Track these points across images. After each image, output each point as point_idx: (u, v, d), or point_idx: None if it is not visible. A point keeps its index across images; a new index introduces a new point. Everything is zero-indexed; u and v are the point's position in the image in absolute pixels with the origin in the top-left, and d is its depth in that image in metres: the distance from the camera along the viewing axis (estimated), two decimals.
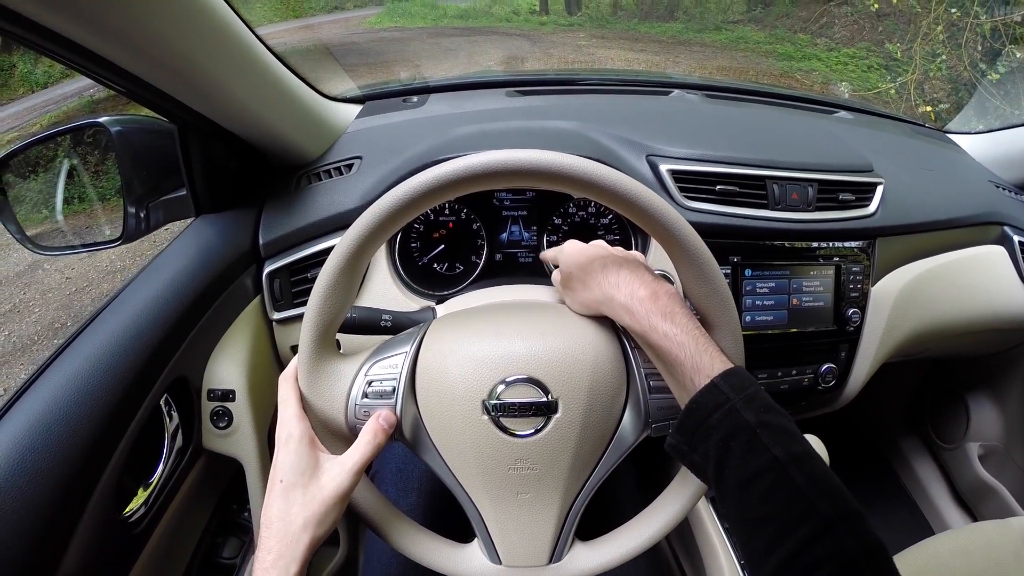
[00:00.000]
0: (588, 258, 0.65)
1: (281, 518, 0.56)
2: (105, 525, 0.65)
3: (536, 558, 0.62)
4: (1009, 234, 1.23)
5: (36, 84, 8.36)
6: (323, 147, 1.00)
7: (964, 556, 0.90)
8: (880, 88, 5.75)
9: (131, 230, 0.86)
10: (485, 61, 7.55)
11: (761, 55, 7.27)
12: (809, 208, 1.00)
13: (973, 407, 1.55)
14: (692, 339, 0.54)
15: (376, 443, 0.59)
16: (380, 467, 0.97)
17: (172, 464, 0.78)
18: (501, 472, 0.60)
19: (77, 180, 0.98)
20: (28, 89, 8.35)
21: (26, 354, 3.37)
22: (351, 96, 1.20)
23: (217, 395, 0.83)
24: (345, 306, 0.60)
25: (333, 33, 9.35)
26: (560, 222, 1.03)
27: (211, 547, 0.91)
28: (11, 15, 0.49)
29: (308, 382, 0.61)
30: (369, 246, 0.57)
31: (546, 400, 0.58)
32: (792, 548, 0.45)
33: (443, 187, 0.54)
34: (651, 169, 0.97)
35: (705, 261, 0.57)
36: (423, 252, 1.01)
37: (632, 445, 0.63)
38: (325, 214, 0.92)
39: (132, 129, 0.84)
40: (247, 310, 0.91)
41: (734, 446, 0.49)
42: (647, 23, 9.07)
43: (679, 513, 0.64)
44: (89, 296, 3.86)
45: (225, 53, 0.70)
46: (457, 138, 0.98)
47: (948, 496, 1.65)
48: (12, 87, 8.42)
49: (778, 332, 1.01)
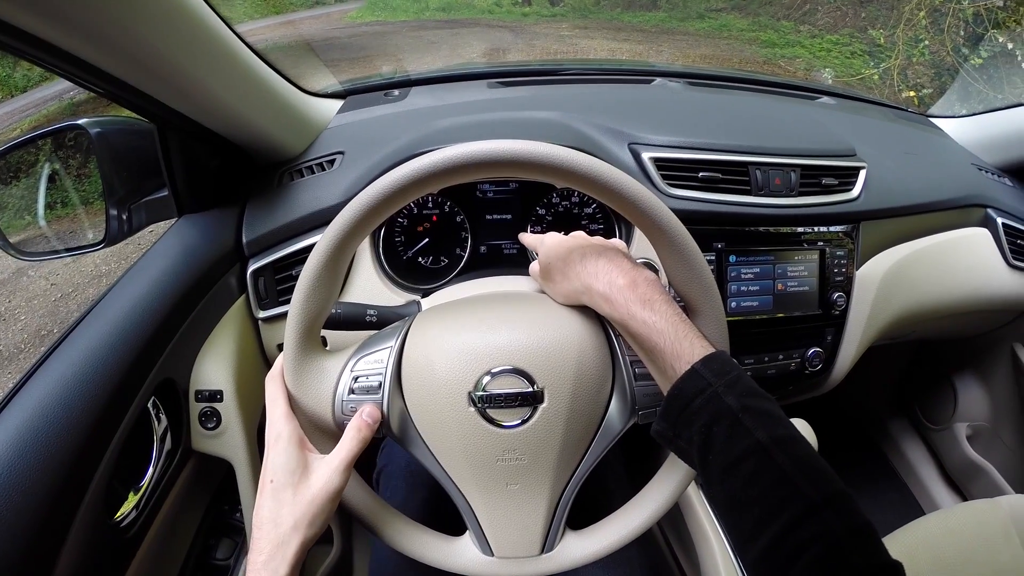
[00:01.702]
0: (567, 249, 0.65)
1: (271, 519, 0.56)
2: (96, 530, 0.64)
3: (527, 548, 0.62)
4: (992, 216, 1.24)
5: (15, 88, 8.25)
6: (305, 143, 1.00)
7: (954, 536, 0.91)
8: (863, 74, 5.78)
9: (113, 232, 0.85)
10: (468, 53, 7.50)
11: (744, 43, 7.28)
12: (792, 193, 1.00)
13: (960, 388, 1.57)
14: (672, 326, 0.54)
15: (360, 439, 0.59)
16: (388, 463, 0.97)
17: (162, 467, 0.77)
18: (489, 463, 0.60)
19: (59, 184, 0.97)
20: (7, 93, 8.24)
21: (13, 363, 3.32)
22: (332, 91, 1.19)
23: (205, 396, 0.83)
24: (329, 302, 0.60)
25: (314, 28, 9.24)
26: (544, 212, 1.03)
27: (204, 549, 0.91)
28: None
29: (294, 380, 0.61)
30: (351, 241, 0.57)
31: (532, 390, 0.58)
32: (778, 531, 0.45)
33: (424, 179, 0.54)
34: (633, 157, 0.97)
35: (686, 247, 0.58)
36: (407, 246, 1.00)
37: (619, 433, 0.63)
38: (308, 210, 0.92)
39: (112, 130, 0.84)
40: (232, 309, 0.90)
41: (717, 431, 0.49)
42: (630, 12, 9.03)
43: (668, 499, 0.64)
44: (75, 302, 3.82)
45: (203, 51, 0.69)
46: (439, 130, 0.98)
47: (937, 477, 1.67)
48: None
49: (764, 317, 1.02)
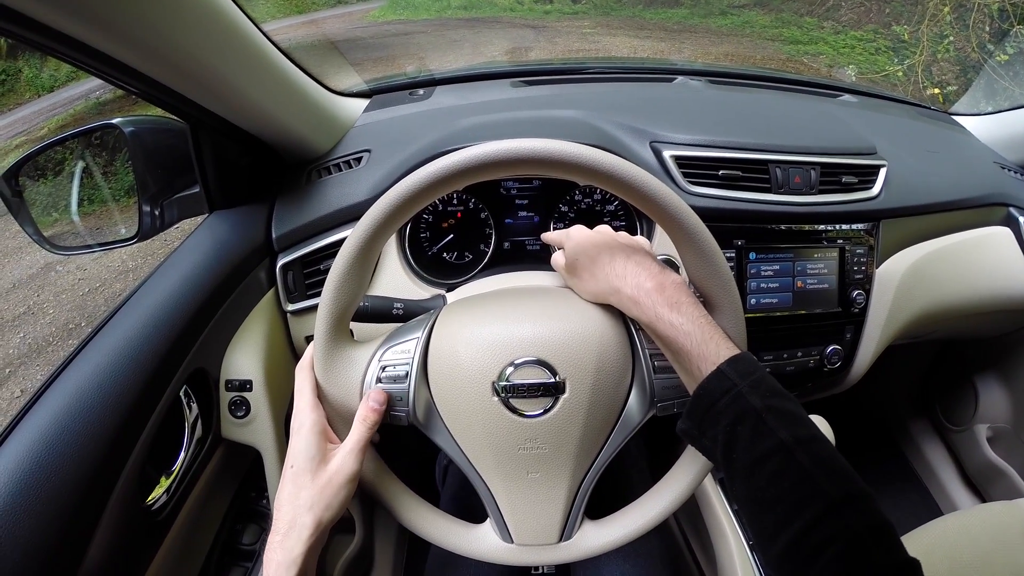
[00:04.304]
0: (595, 246, 0.66)
1: (290, 501, 0.58)
2: (129, 513, 0.67)
3: (546, 536, 0.64)
4: (1015, 215, 1.23)
5: (42, 88, 8.41)
6: (332, 141, 1.02)
7: (971, 537, 0.91)
8: (888, 71, 5.69)
9: (146, 228, 0.88)
10: (490, 51, 7.51)
11: (767, 39, 7.20)
12: (812, 191, 1.00)
13: (982, 389, 1.55)
14: (698, 328, 0.56)
15: (369, 423, 0.62)
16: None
17: (192, 453, 0.80)
18: (511, 452, 0.61)
19: (91, 181, 1.00)
20: (35, 93, 8.40)
21: (41, 355, 3.40)
22: (358, 91, 1.21)
23: (235, 385, 0.85)
24: (358, 295, 0.62)
25: (338, 27, 9.31)
26: (567, 209, 1.05)
27: (231, 533, 0.93)
28: (26, 20, 0.50)
29: (323, 369, 0.63)
30: (380, 236, 0.59)
31: (554, 381, 0.60)
32: (800, 528, 0.46)
33: (450, 177, 0.56)
34: (655, 155, 0.98)
35: (706, 243, 0.59)
36: (433, 242, 1.02)
37: (638, 424, 0.64)
38: (336, 207, 0.94)
39: (144, 129, 0.86)
40: (262, 302, 0.92)
41: (741, 430, 0.51)
42: (652, 9, 8.97)
43: (685, 491, 0.65)
44: (102, 296, 3.88)
45: (235, 53, 0.71)
46: (463, 129, 0.99)
47: (957, 478, 1.65)
48: (19, 91, 8.47)
49: (784, 314, 1.02)
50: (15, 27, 0.51)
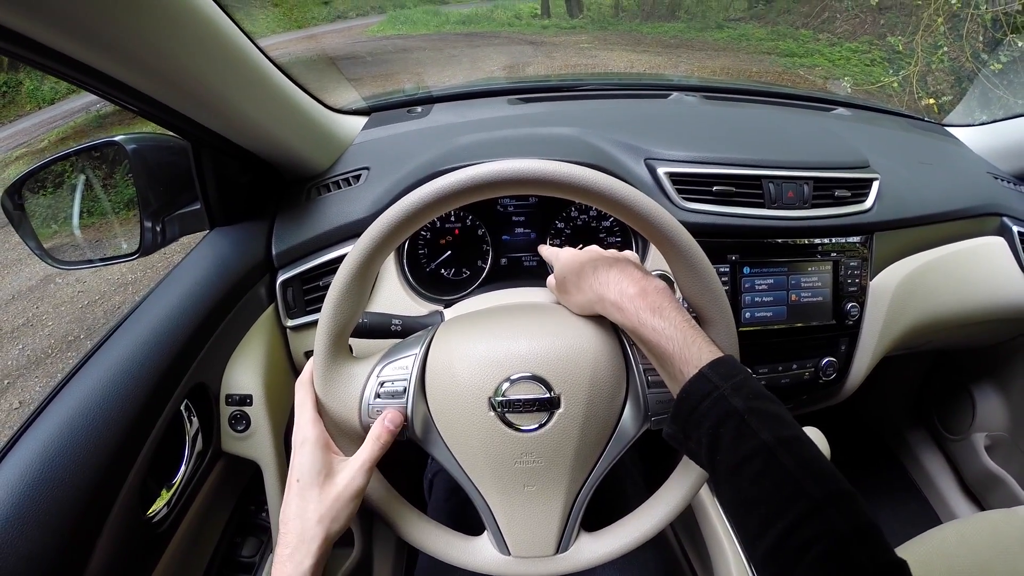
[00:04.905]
0: (580, 263, 0.67)
1: (298, 515, 0.59)
2: (130, 525, 0.67)
3: (543, 548, 0.64)
4: (1008, 225, 1.24)
5: (43, 100, 8.46)
6: (331, 159, 1.03)
7: (969, 545, 0.91)
8: (883, 82, 5.73)
9: (147, 244, 0.88)
10: (489, 66, 7.56)
11: (763, 52, 7.26)
12: (805, 206, 1.01)
13: (979, 398, 1.55)
14: (680, 332, 0.56)
15: (382, 442, 0.62)
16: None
17: (193, 466, 0.80)
18: (508, 466, 0.62)
19: (92, 194, 1.01)
20: (35, 105, 8.44)
21: (40, 367, 3.40)
22: (357, 108, 1.22)
23: (235, 400, 0.86)
24: (357, 312, 0.63)
25: (337, 43, 9.37)
26: (563, 226, 1.06)
27: (231, 546, 0.93)
28: (24, 40, 0.51)
29: (323, 384, 0.64)
30: (379, 254, 0.60)
31: (549, 396, 0.61)
32: (783, 529, 0.46)
33: (447, 197, 0.57)
34: (649, 172, 0.99)
35: (698, 260, 0.60)
36: (431, 258, 1.03)
37: (633, 438, 0.65)
38: (335, 224, 0.95)
39: (146, 146, 0.87)
40: (262, 318, 0.93)
41: (723, 432, 0.51)
42: (649, 23, 9.06)
43: (681, 502, 0.66)
44: (101, 308, 3.89)
45: (234, 73, 0.72)
46: (461, 147, 1.01)
47: (956, 487, 1.65)
48: (20, 103, 8.52)
49: (778, 327, 1.03)
50: (13, 46, 0.51)
